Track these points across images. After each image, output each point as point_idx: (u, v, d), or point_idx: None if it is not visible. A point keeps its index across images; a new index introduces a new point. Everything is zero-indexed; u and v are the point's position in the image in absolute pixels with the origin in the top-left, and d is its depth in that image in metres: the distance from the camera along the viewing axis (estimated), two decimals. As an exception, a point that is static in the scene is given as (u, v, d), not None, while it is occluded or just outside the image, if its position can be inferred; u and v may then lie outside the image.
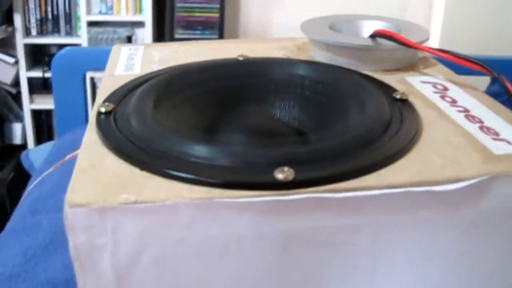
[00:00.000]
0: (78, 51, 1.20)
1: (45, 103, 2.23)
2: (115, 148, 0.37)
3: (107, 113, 0.42)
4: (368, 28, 0.59)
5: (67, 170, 0.65)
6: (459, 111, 0.45)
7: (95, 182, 0.33)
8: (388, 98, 0.45)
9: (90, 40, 2.14)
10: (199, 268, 0.34)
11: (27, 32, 2.14)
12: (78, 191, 0.32)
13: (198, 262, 0.34)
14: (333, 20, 0.60)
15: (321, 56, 0.56)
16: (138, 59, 0.56)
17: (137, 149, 0.37)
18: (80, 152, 0.37)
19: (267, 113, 0.49)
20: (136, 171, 0.35)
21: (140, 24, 2.21)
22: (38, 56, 2.21)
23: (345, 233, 0.35)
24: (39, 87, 2.21)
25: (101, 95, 0.46)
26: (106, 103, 0.43)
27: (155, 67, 0.54)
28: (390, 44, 0.53)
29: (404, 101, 0.46)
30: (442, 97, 0.48)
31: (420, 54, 0.59)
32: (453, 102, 0.47)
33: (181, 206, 0.32)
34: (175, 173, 0.34)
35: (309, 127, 0.47)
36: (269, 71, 0.51)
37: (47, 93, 2.20)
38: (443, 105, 0.46)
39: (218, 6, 2.20)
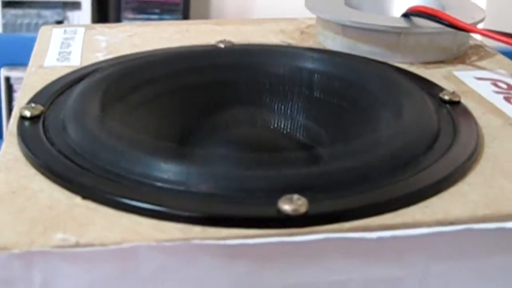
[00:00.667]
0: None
1: None
2: (46, 167, 0.35)
3: (33, 118, 0.40)
4: (399, 4, 0.59)
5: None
6: (532, 117, 0.45)
7: (17, 216, 0.31)
8: (434, 100, 0.44)
9: (5, 25, 2.13)
10: None
11: None
12: (-8, 228, 0.30)
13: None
14: (351, -7, 0.60)
15: (334, 43, 0.56)
16: (76, 45, 0.55)
17: (78, 168, 0.35)
18: (-5, 173, 0.35)
19: (261, 121, 0.47)
20: (76, 200, 0.33)
21: (75, 4, 2.21)
22: None
23: (379, 290, 0.33)
24: None
25: (25, 94, 0.44)
26: (32, 105, 0.41)
27: (101, 57, 0.52)
28: (432, 26, 0.52)
29: (456, 104, 0.45)
30: (507, 99, 0.47)
31: (471, 41, 0.58)
32: (523, 106, 0.46)
33: (143, 251, 0.30)
34: (134, 203, 0.32)
35: (321, 141, 0.46)
36: (263, 62, 0.50)
37: None
38: (510, 110, 0.45)
39: (181, -19, 2.21)
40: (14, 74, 2.11)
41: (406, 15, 0.54)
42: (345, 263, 0.32)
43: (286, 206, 0.31)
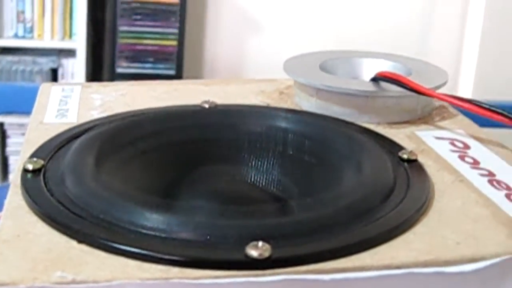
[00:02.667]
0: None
1: None
2: (46, 214, 0.41)
3: (35, 171, 0.46)
4: (369, 68, 0.65)
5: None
6: (482, 174, 0.50)
7: (22, 256, 0.37)
8: (393, 158, 0.50)
9: (1, 72, 2.16)
10: None
11: None
12: (0, 266, 0.36)
13: None
14: (325, 58, 0.66)
15: (309, 104, 0.61)
16: (73, 103, 0.61)
17: (74, 216, 0.41)
18: (2, 219, 0.41)
19: (239, 175, 0.53)
20: (73, 243, 0.38)
21: (70, 52, 2.25)
22: None
23: (334, 325, 0.39)
24: None
25: (27, 148, 0.50)
26: (34, 159, 0.47)
27: (96, 114, 0.58)
28: (396, 90, 0.58)
29: (413, 162, 0.50)
30: (462, 157, 0.53)
31: (437, 102, 0.64)
32: (475, 164, 0.52)
33: (130, 287, 0.36)
34: (122, 247, 0.37)
35: (292, 194, 0.51)
36: (243, 122, 0.56)
37: None
38: (463, 167, 0.51)
39: (176, 31, 2.25)
40: (8, 120, 2.16)
41: (374, 79, 0.60)
42: (303, 301, 0.38)
43: (253, 251, 0.37)
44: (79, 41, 2.21)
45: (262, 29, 2.33)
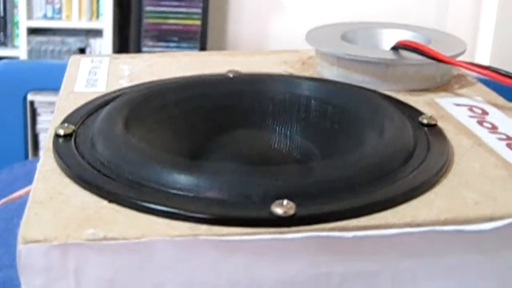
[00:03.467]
0: (18, 66, 1.23)
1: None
2: (78, 176, 0.41)
3: (66, 136, 0.46)
4: (389, 38, 0.64)
5: (3, 219, 0.68)
6: (500, 139, 0.50)
7: (55, 215, 0.37)
8: (413, 123, 0.50)
9: (30, 52, 2.18)
10: (179, 322, 0.38)
11: None
12: (34, 225, 0.36)
13: (178, 314, 0.37)
14: (346, 29, 0.65)
15: (331, 72, 0.61)
16: (102, 73, 0.61)
17: (105, 178, 0.41)
18: (35, 182, 0.41)
19: (263, 140, 0.53)
20: (104, 203, 0.39)
21: (97, 32, 2.26)
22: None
23: (357, 281, 0.39)
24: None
25: (59, 115, 0.50)
26: (65, 125, 0.47)
27: (124, 83, 0.58)
28: (416, 58, 0.58)
29: (433, 127, 0.50)
30: (480, 123, 0.52)
31: (456, 71, 0.63)
32: (493, 129, 0.51)
33: (159, 244, 0.36)
34: (152, 206, 0.38)
35: (315, 157, 0.51)
36: (266, 90, 0.55)
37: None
38: (481, 132, 0.51)
39: (199, 11, 2.25)
40: (38, 98, 2.17)
41: (394, 48, 0.59)
42: (327, 258, 0.37)
43: (278, 209, 0.37)
44: (106, 22, 2.22)
45: (284, 9, 2.31)
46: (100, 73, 0.61)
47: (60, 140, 0.46)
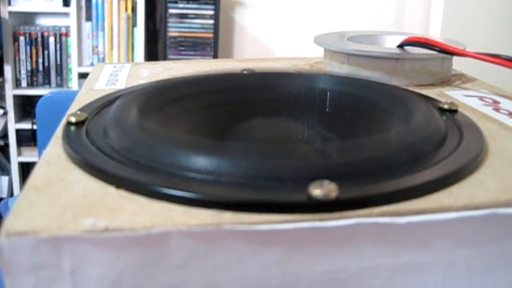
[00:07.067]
0: (65, 94, 1.11)
1: (33, 155, 2.11)
2: (84, 161, 0.26)
3: (78, 124, 0.32)
4: (392, 43, 0.50)
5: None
6: (523, 123, 0.35)
7: (51, 203, 0.23)
8: (434, 109, 0.35)
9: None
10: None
11: (17, 84, 2.05)
12: (23, 214, 0.22)
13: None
14: (350, 35, 0.51)
15: (341, 71, 0.47)
16: (123, 75, 0.47)
17: (113, 162, 0.26)
18: (36, 168, 0.26)
19: (283, 129, 0.39)
20: (110, 190, 0.24)
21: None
22: (28, 108, 2.11)
23: (406, 276, 0.24)
24: (27, 139, 2.10)
25: (74, 108, 0.36)
26: (78, 112, 0.33)
27: (143, 82, 0.44)
28: (425, 53, 0.44)
29: (454, 112, 0.36)
30: (496, 110, 0.38)
31: (453, 71, 0.49)
32: (511, 114, 0.37)
33: (173, 236, 0.21)
34: (166, 190, 0.23)
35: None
36: (281, 84, 0.41)
37: (35, 145, 2.09)
38: (501, 117, 0.37)
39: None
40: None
41: (400, 46, 0.46)
42: (375, 249, 0.23)
43: (317, 191, 0.22)
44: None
45: (286, 33, 2.09)
46: (121, 75, 0.47)
47: (72, 127, 0.31)
